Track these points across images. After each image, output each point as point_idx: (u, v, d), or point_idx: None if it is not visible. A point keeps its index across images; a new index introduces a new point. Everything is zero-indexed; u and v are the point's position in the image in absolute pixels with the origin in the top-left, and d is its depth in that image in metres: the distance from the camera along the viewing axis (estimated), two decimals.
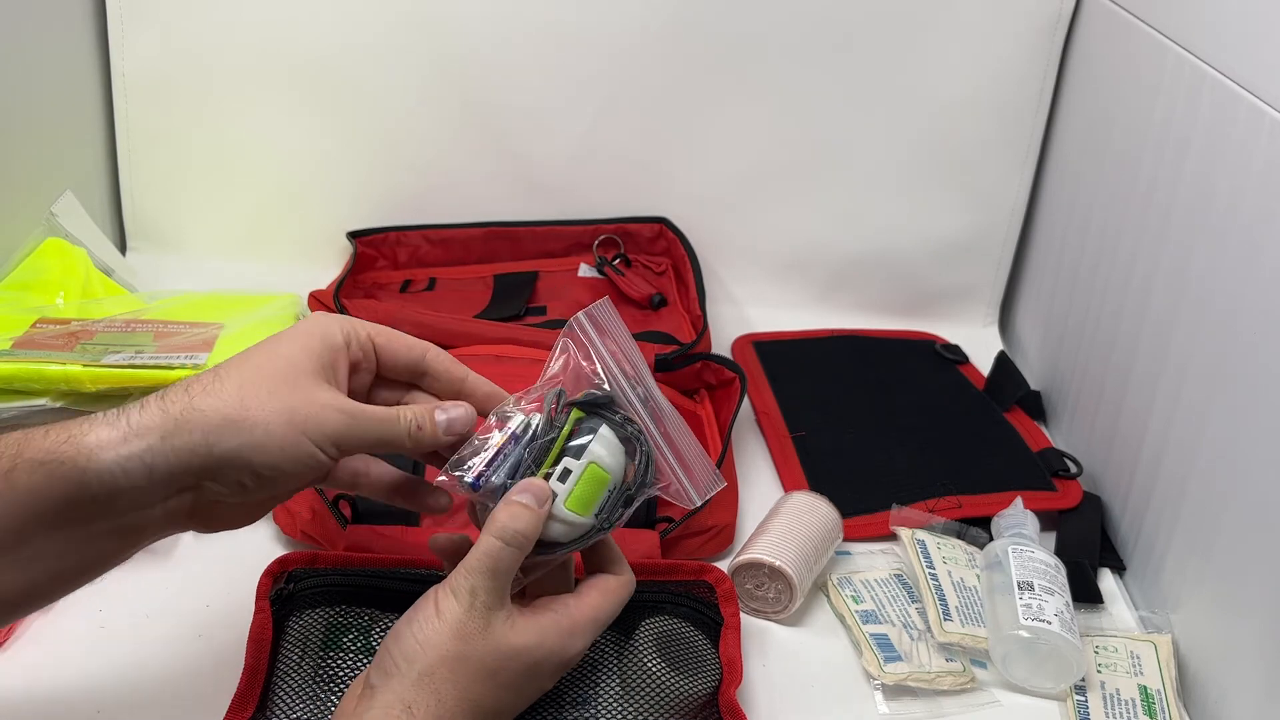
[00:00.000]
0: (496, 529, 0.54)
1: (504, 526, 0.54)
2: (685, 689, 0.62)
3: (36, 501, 0.47)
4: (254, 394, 0.51)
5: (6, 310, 0.87)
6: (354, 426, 0.53)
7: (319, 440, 0.52)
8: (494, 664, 0.54)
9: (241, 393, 0.51)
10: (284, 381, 0.52)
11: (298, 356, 0.53)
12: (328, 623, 0.64)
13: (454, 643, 0.53)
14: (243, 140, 1.09)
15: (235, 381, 0.51)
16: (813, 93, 1.07)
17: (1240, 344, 0.69)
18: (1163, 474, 0.78)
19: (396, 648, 0.53)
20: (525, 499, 0.55)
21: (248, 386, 0.51)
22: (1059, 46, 1.04)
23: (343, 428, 0.52)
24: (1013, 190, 1.09)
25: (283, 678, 0.62)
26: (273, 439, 0.50)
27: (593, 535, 0.57)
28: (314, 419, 0.51)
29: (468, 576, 0.54)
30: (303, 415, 0.51)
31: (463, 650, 0.53)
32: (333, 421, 0.52)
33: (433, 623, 0.53)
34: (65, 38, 1.02)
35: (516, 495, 0.55)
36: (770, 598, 0.74)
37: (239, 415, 0.50)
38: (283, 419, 0.51)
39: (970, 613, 0.73)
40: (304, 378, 0.53)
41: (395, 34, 1.05)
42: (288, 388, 0.52)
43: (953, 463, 0.89)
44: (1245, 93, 0.70)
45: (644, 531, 0.75)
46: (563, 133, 1.09)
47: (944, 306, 1.13)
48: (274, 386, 0.51)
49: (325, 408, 0.52)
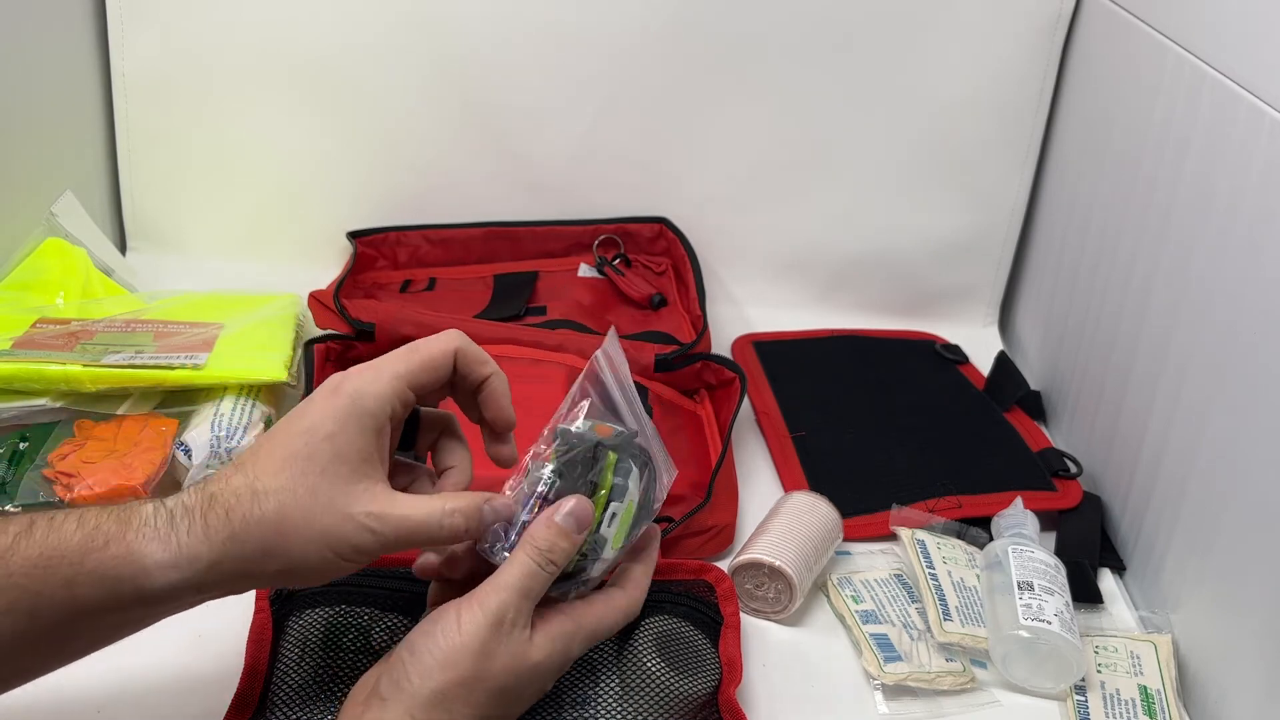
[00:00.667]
0: (537, 552, 0.53)
1: (543, 552, 0.53)
2: (685, 689, 0.62)
3: (95, 612, 0.50)
4: (292, 517, 0.51)
5: (6, 310, 0.87)
6: (388, 542, 0.52)
7: (353, 558, 0.52)
8: (511, 682, 0.53)
9: (281, 516, 0.51)
10: (322, 494, 0.51)
11: (340, 450, 0.52)
12: (328, 623, 0.64)
13: (476, 661, 0.52)
14: (243, 140, 1.09)
15: (275, 502, 0.51)
16: (813, 93, 1.07)
17: (1240, 344, 0.69)
18: (1163, 474, 0.78)
19: (412, 661, 0.52)
20: (569, 524, 0.54)
21: (287, 508, 0.51)
22: (1059, 46, 1.04)
23: (376, 546, 0.52)
24: (1013, 190, 1.09)
25: (282, 678, 0.62)
26: (309, 562, 0.51)
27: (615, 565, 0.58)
28: (348, 541, 0.51)
29: (499, 594, 0.52)
30: (337, 537, 0.51)
31: (483, 670, 0.52)
32: (367, 542, 0.52)
33: (453, 639, 0.52)
34: (65, 38, 1.02)
35: (560, 517, 0.54)
36: (770, 598, 0.74)
37: (278, 545, 0.51)
38: (318, 544, 0.51)
39: (970, 613, 0.73)
40: (341, 483, 0.52)
41: (395, 34, 1.05)
42: (325, 502, 0.51)
43: (953, 463, 0.89)
44: (1245, 93, 0.70)
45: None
46: (563, 133, 1.09)
47: (944, 306, 1.13)
48: (310, 506, 0.51)
49: (360, 528, 0.51)
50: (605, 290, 1.06)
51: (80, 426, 0.78)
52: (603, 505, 0.56)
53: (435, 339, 0.57)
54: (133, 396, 0.81)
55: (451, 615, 0.53)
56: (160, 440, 0.77)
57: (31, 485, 0.73)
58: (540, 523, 0.54)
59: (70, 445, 0.76)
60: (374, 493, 0.52)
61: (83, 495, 0.72)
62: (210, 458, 0.77)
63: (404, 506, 0.52)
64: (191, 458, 0.77)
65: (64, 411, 0.79)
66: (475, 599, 0.53)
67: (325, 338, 0.90)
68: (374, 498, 0.52)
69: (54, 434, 0.78)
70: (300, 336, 0.91)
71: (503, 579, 0.53)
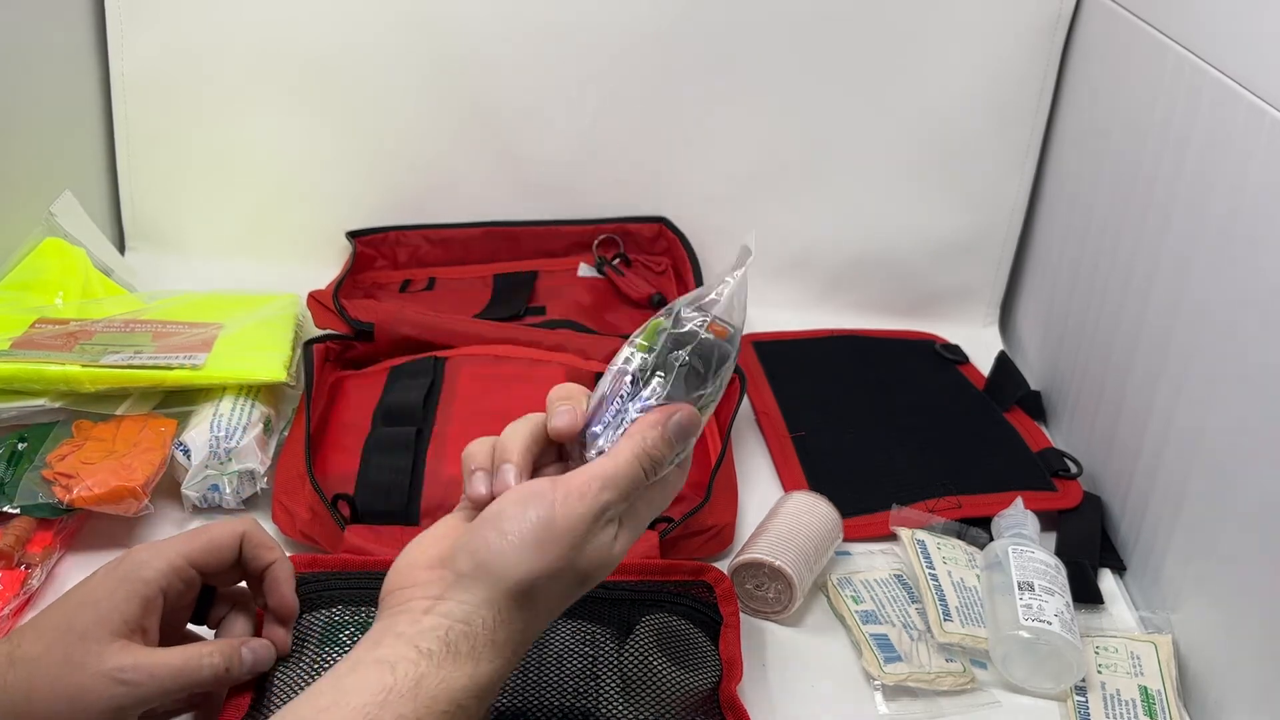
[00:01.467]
0: (648, 459, 0.53)
1: (653, 460, 0.53)
2: (686, 684, 0.62)
3: None
4: (39, 684, 0.53)
5: (6, 310, 0.87)
6: (140, 691, 0.54)
7: (107, 715, 0.53)
8: (592, 574, 0.52)
9: (29, 683, 0.53)
10: (75, 657, 0.53)
11: (103, 616, 0.54)
12: (326, 622, 0.64)
13: (569, 554, 0.50)
14: (242, 140, 1.09)
15: (25, 670, 0.53)
16: (812, 93, 1.07)
17: (1240, 343, 0.69)
18: (1163, 474, 0.78)
19: (501, 541, 0.50)
20: (677, 435, 0.53)
21: (35, 676, 0.53)
22: (1059, 46, 1.03)
23: (131, 698, 0.53)
24: (1013, 190, 1.09)
25: (282, 674, 0.62)
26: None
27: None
28: (100, 696, 0.53)
29: (605, 491, 0.51)
30: (89, 696, 0.53)
31: (573, 561, 0.50)
32: (120, 695, 0.53)
33: (551, 527, 0.50)
34: (65, 38, 1.02)
35: (673, 426, 0.53)
36: (770, 598, 0.74)
37: (26, 710, 0.53)
38: (68, 705, 0.53)
39: (970, 613, 0.73)
40: (96, 645, 0.54)
41: (395, 34, 1.05)
42: (77, 664, 0.53)
43: (953, 463, 0.89)
44: (1245, 92, 0.70)
45: (644, 535, 0.75)
46: (563, 133, 1.08)
47: (944, 306, 1.13)
48: (60, 672, 0.53)
49: (111, 681, 0.53)
50: (605, 290, 1.06)
51: (79, 427, 0.78)
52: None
53: (224, 524, 0.60)
54: (132, 397, 0.81)
55: (547, 501, 0.51)
56: (160, 441, 0.77)
57: (30, 486, 0.72)
58: (652, 426, 0.53)
59: (69, 446, 0.76)
60: (130, 650, 0.54)
61: (82, 496, 0.72)
62: (209, 458, 0.77)
63: (162, 656, 0.55)
64: (190, 458, 0.77)
65: (63, 412, 0.79)
66: (575, 488, 0.51)
67: (324, 338, 0.90)
68: (130, 654, 0.54)
69: (53, 434, 0.78)
70: (300, 336, 0.91)
71: (609, 473, 0.52)
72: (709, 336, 0.55)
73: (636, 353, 0.55)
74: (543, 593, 0.51)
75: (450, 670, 0.48)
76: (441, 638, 0.49)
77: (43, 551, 0.71)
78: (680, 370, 0.54)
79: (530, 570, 0.50)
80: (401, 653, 0.48)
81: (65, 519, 0.73)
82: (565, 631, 0.64)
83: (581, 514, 0.50)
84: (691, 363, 0.55)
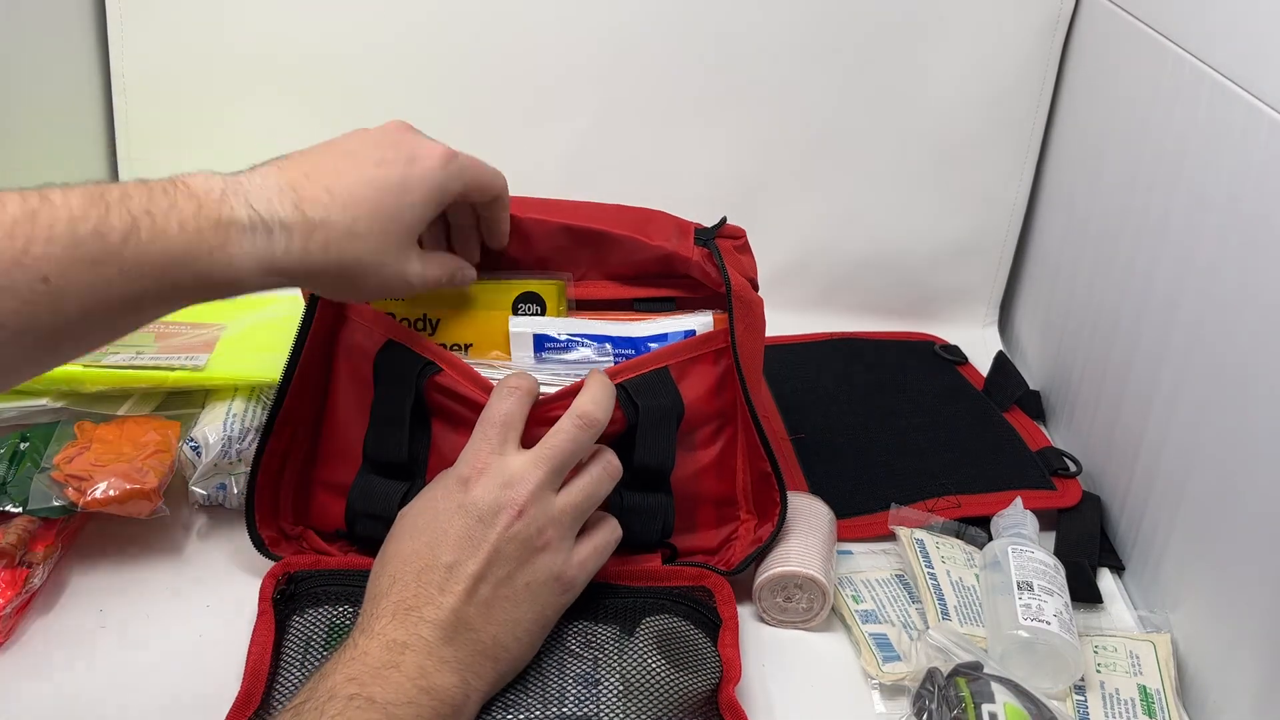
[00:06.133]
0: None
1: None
2: (687, 685, 0.62)
3: (178, 301, 0.56)
4: (368, 266, 0.60)
5: None
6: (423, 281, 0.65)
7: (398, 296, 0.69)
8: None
9: (360, 264, 0.60)
10: (391, 253, 0.61)
11: (419, 217, 0.63)
12: (330, 622, 0.64)
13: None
14: (243, 139, 1.09)
15: (362, 248, 0.60)
16: (813, 93, 1.07)
17: (1240, 343, 0.69)
18: (1162, 474, 0.78)
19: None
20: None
21: (365, 260, 0.60)
22: (1059, 46, 1.04)
23: (413, 291, 0.65)
24: (1012, 190, 1.09)
25: (285, 674, 0.62)
26: (360, 296, 0.68)
27: None
28: (396, 290, 0.64)
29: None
30: (390, 287, 0.63)
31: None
32: (406, 291, 0.65)
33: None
34: (65, 38, 1.02)
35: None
36: (802, 608, 0.73)
37: (346, 284, 0.61)
38: (375, 289, 0.63)
39: (969, 613, 0.73)
40: (406, 246, 0.63)
41: (395, 34, 1.05)
42: (392, 257, 0.62)
43: (952, 463, 0.89)
44: (1244, 93, 0.70)
45: (646, 556, 0.74)
46: (562, 133, 1.09)
47: (943, 307, 1.13)
48: (381, 261, 0.61)
49: (405, 285, 0.64)
50: None
51: (81, 428, 0.78)
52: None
53: (491, 171, 0.72)
54: (133, 397, 0.81)
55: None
56: (166, 443, 0.77)
57: (41, 488, 0.72)
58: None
59: (74, 448, 0.76)
60: (425, 256, 0.65)
61: (98, 499, 0.71)
62: (220, 456, 0.77)
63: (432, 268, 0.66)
64: (202, 455, 0.76)
65: (64, 412, 0.79)
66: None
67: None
68: (423, 260, 0.65)
69: (54, 435, 0.77)
70: None
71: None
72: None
73: None
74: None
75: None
76: None
77: (44, 551, 0.71)
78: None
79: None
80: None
81: (66, 518, 0.73)
82: (567, 632, 0.65)
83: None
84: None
